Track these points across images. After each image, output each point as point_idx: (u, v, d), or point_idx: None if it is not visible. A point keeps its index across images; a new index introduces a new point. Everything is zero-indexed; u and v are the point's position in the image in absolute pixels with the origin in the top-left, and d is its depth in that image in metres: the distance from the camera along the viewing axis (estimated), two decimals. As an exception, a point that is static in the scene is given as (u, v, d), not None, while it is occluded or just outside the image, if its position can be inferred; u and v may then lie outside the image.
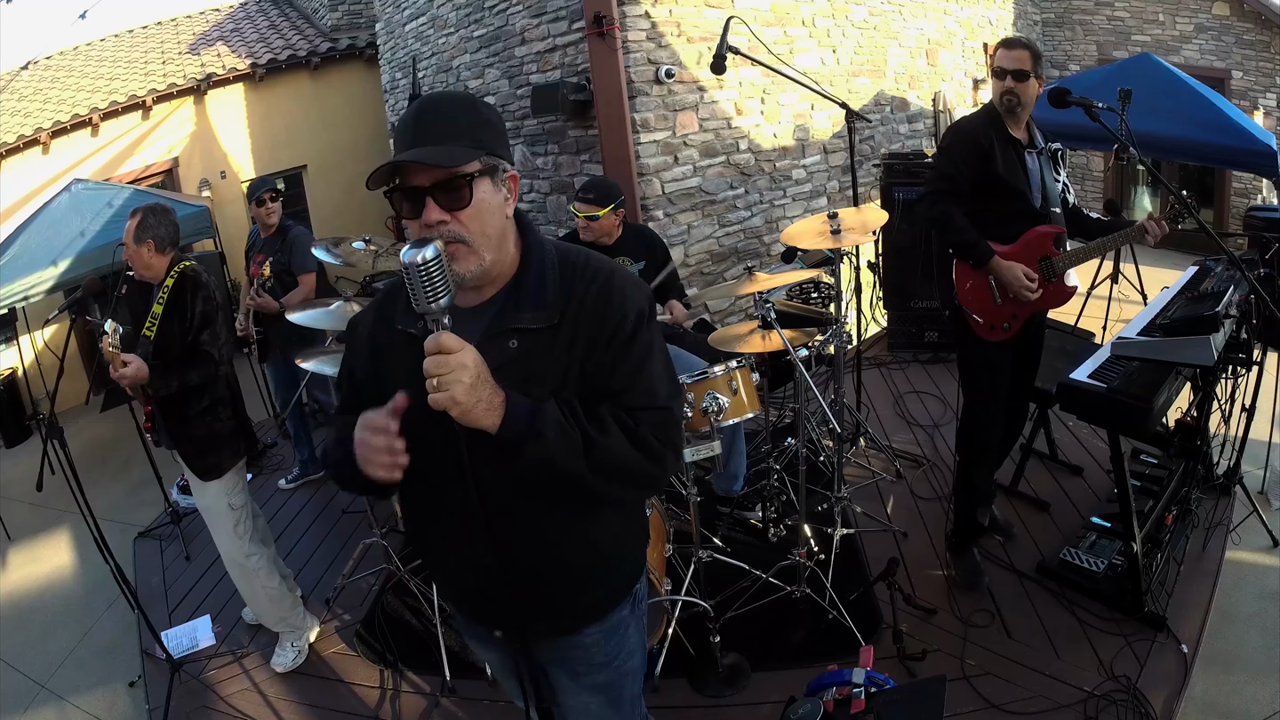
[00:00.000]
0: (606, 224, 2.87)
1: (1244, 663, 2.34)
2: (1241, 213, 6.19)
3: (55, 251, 4.73)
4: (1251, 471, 3.11)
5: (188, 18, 9.41)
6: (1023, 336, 2.52)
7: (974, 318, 2.46)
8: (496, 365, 1.09)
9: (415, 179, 1.07)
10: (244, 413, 2.66)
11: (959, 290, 2.46)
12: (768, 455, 3.18)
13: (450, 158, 1.06)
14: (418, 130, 1.08)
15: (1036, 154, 2.42)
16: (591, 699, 1.39)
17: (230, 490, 2.56)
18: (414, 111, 1.12)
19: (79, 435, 5.28)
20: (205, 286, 2.50)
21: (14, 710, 2.77)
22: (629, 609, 1.37)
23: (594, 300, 1.16)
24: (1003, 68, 2.34)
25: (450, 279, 1.00)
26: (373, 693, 2.55)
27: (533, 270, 1.17)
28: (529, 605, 1.22)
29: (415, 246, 0.98)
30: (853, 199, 3.29)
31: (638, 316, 1.17)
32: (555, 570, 1.24)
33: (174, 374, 2.38)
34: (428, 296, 0.98)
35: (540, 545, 1.21)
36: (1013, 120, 2.38)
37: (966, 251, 2.40)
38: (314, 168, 8.27)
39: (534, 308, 1.14)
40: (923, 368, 4.71)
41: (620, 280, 1.19)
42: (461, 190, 1.07)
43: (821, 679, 1.91)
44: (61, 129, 6.75)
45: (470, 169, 1.07)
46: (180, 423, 2.48)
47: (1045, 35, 8.77)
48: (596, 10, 4.20)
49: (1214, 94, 4.92)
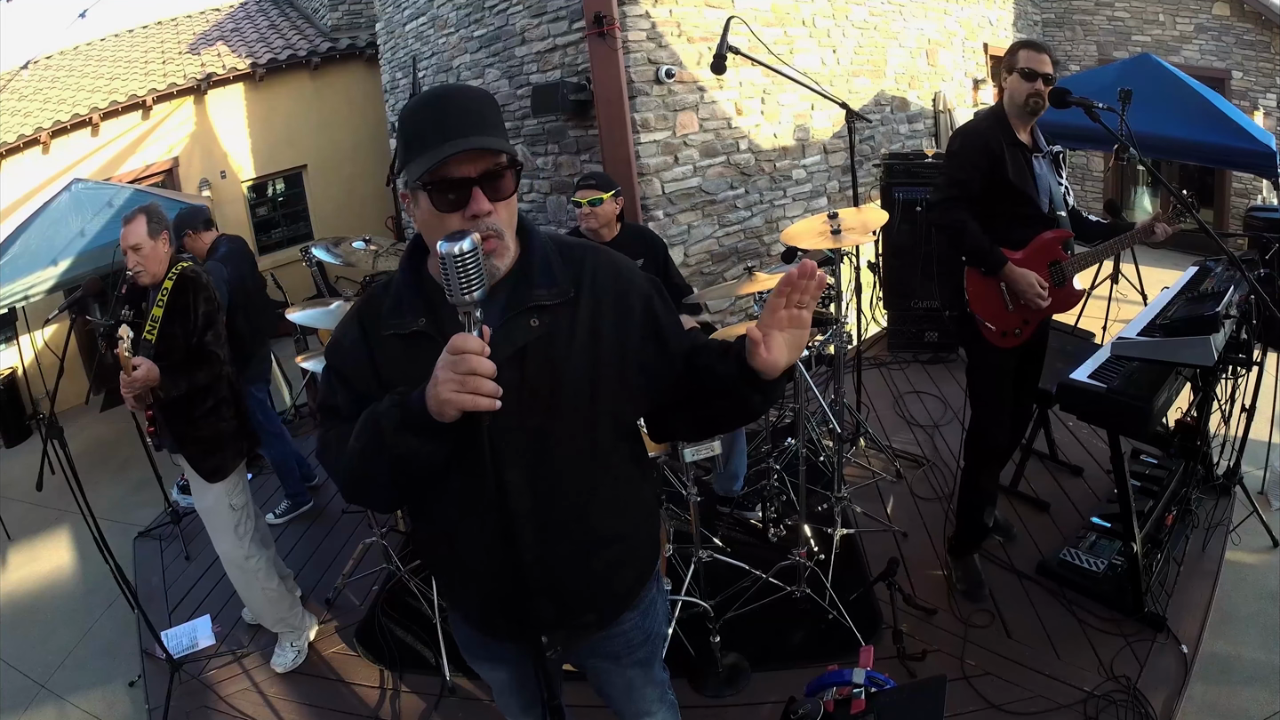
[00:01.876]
0: (609, 210, 2.87)
1: (1244, 663, 2.34)
2: (1241, 213, 6.19)
3: (55, 251, 4.72)
4: (1251, 471, 3.11)
5: (188, 17, 9.41)
6: (1030, 340, 2.51)
7: (986, 325, 2.43)
8: (522, 344, 1.11)
9: (462, 169, 1.05)
10: (246, 412, 2.66)
11: (971, 298, 2.43)
12: (768, 455, 3.18)
13: (507, 145, 1.08)
14: (452, 121, 1.06)
15: (1042, 158, 2.41)
16: (635, 673, 1.45)
17: (231, 491, 2.55)
18: (437, 103, 1.09)
19: (79, 435, 5.28)
20: (206, 287, 2.49)
21: (14, 710, 2.77)
22: (655, 586, 1.41)
23: (604, 271, 1.19)
24: (1033, 69, 2.30)
25: (484, 273, 0.99)
26: (373, 693, 2.55)
27: (536, 252, 1.17)
28: (575, 598, 1.23)
29: (451, 239, 0.97)
30: (853, 199, 3.28)
31: (645, 281, 1.24)
32: (595, 554, 1.24)
33: (182, 376, 2.37)
34: (463, 289, 0.97)
35: (579, 532, 1.21)
36: (1023, 124, 2.37)
37: (980, 259, 2.37)
38: (314, 168, 8.26)
39: (546, 284, 1.14)
40: (923, 368, 4.71)
41: (613, 253, 1.26)
42: (506, 179, 1.08)
43: (821, 679, 1.92)
44: (61, 129, 6.75)
45: (510, 157, 1.09)
46: (186, 424, 2.47)
47: (1045, 35, 8.77)
48: (596, 10, 4.20)
49: (1214, 94, 4.92)
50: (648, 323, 1.21)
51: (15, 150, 6.58)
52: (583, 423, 1.17)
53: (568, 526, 1.20)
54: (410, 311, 1.14)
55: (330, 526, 3.68)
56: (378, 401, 1.09)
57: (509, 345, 1.11)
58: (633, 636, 1.38)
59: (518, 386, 1.11)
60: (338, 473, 1.17)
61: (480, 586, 1.24)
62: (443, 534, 1.26)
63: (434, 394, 0.99)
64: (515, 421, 1.11)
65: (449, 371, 0.98)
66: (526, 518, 1.15)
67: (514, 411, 1.10)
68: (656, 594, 1.43)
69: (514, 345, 1.11)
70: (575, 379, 1.14)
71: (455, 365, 0.97)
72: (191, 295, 2.44)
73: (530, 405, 1.12)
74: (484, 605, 1.28)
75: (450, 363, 0.98)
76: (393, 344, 1.14)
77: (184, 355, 2.42)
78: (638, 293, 1.21)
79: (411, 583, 2.86)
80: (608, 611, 1.32)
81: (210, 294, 2.50)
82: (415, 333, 1.13)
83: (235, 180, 7.81)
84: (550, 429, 1.15)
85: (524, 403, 1.12)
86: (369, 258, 3.59)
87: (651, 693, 1.50)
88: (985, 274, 2.39)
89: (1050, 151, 2.44)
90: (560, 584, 1.21)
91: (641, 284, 1.23)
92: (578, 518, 1.20)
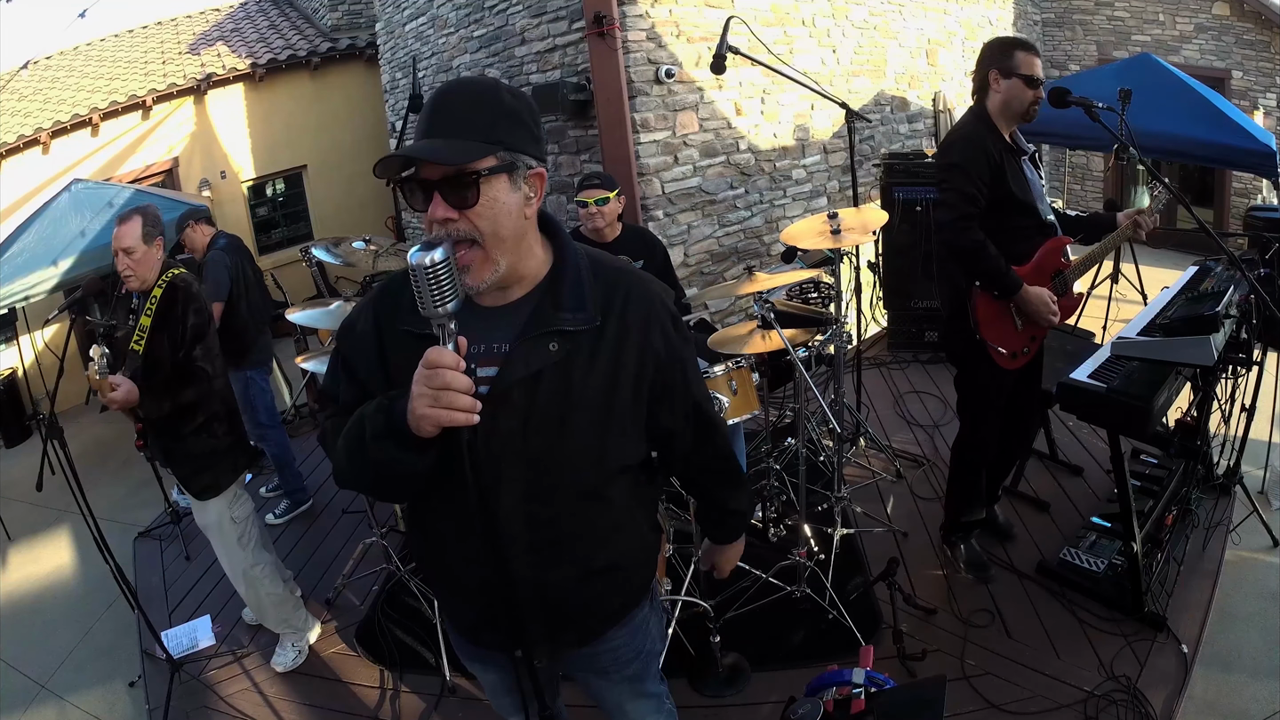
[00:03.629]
0: (614, 209, 2.88)
1: (1244, 663, 2.34)
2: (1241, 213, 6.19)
3: (56, 251, 4.73)
4: (1251, 471, 3.11)
5: (188, 18, 9.41)
6: (1035, 353, 2.47)
7: (998, 350, 2.33)
8: (536, 370, 1.07)
9: (425, 171, 1.01)
10: (241, 427, 2.56)
11: (981, 323, 2.31)
12: (768, 455, 3.18)
13: (454, 155, 0.99)
14: (434, 119, 1.03)
15: (1026, 159, 2.35)
16: (625, 688, 1.43)
17: (231, 504, 2.48)
18: (435, 96, 1.06)
19: (79, 435, 5.28)
20: (196, 298, 2.36)
21: (14, 710, 2.77)
22: (648, 607, 1.39)
23: (637, 301, 1.14)
24: (1034, 76, 2.22)
25: (459, 283, 0.96)
26: (373, 693, 2.55)
27: (569, 269, 1.11)
28: (560, 620, 1.22)
29: (424, 249, 0.94)
30: (853, 199, 3.28)
31: (676, 313, 1.22)
32: (587, 583, 1.22)
33: (166, 394, 2.25)
34: (435, 300, 0.93)
35: (571, 560, 1.19)
36: (1009, 127, 2.31)
37: (996, 282, 2.25)
38: (314, 168, 8.26)
39: (574, 308, 1.09)
40: (923, 368, 4.71)
41: (652, 283, 1.22)
42: (468, 189, 1.00)
43: (821, 679, 1.91)
44: (61, 129, 6.75)
45: (481, 165, 1.00)
46: (175, 441, 2.36)
47: (1045, 35, 8.77)
48: (596, 10, 4.20)
49: (1214, 94, 4.92)
50: (664, 368, 1.17)
51: (15, 150, 6.58)
52: (589, 452, 1.14)
53: (561, 553, 1.17)
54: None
55: (330, 526, 3.68)
56: (370, 401, 1.08)
57: (524, 367, 1.07)
58: (621, 653, 1.36)
59: (527, 410, 1.08)
60: (333, 462, 1.17)
61: (468, 600, 1.24)
62: (436, 545, 1.24)
63: (410, 408, 0.98)
64: (519, 443, 1.09)
65: (423, 386, 0.96)
66: (519, 540, 1.13)
67: (519, 433, 1.09)
68: (649, 613, 1.40)
69: (529, 369, 1.07)
70: (588, 408, 1.11)
71: (429, 380, 0.95)
72: (181, 305, 2.31)
73: (537, 429, 1.09)
74: (471, 618, 1.28)
75: (425, 377, 0.96)
76: (407, 341, 1.09)
77: (171, 369, 2.30)
78: (663, 334, 1.17)
79: (411, 583, 2.86)
80: (590, 631, 1.30)
81: (201, 305, 2.37)
82: (429, 334, 1.09)
83: (235, 180, 7.81)
84: (554, 455, 1.11)
85: (531, 426, 1.09)
86: (369, 258, 3.59)
87: (644, 705, 1.48)
88: (998, 298, 2.29)
89: (1029, 152, 2.39)
90: (549, 604, 1.19)
91: (674, 332, 1.19)
92: (572, 546, 1.18)
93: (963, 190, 2.22)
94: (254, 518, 2.62)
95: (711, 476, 1.42)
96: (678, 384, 1.20)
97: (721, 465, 1.39)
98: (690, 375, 1.24)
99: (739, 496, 1.47)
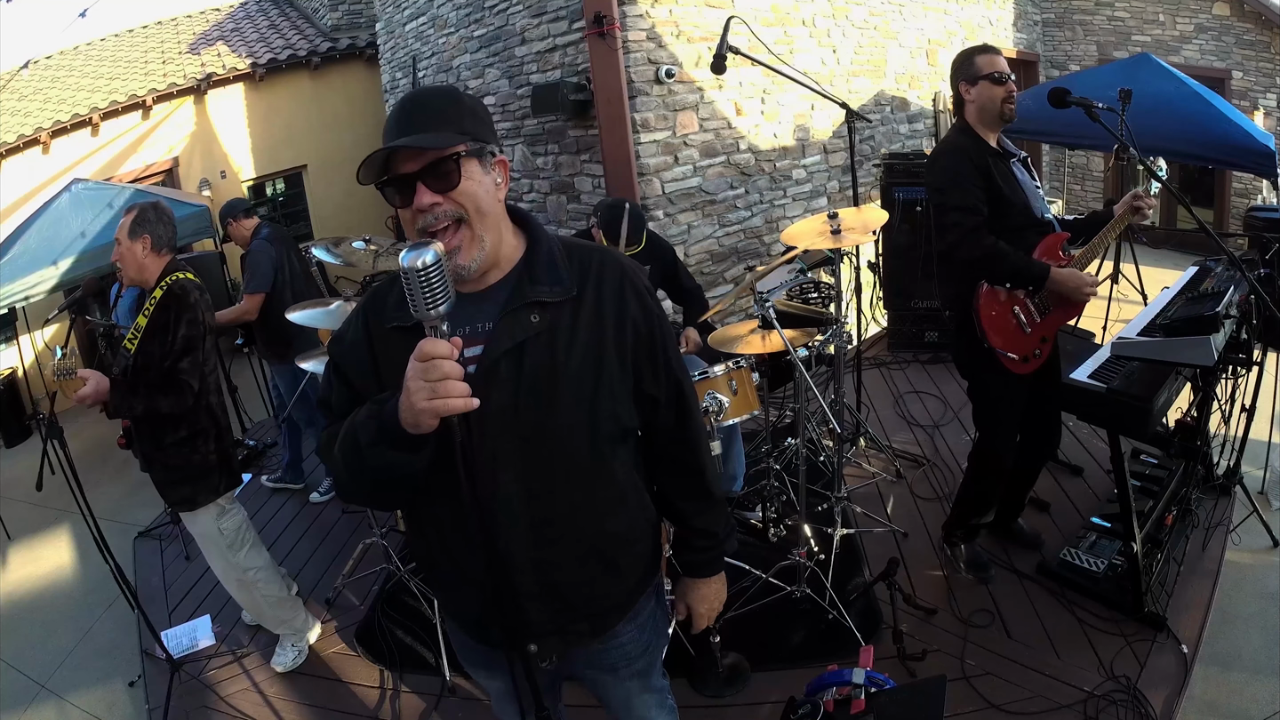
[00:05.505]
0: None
1: (1244, 663, 2.34)
2: (1241, 213, 6.19)
3: (56, 251, 4.73)
4: (1251, 471, 3.11)
5: (188, 17, 9.42)
6: (1049, 357, 2.44)
7: (1008, 356, 2.31)
8: (521, 340, 1.10)
9: (404, 167, 1.07)
10: (229, 446, 2.47)
11: (987, 330, 2.30)
12: (767, 455, 3.18)
13: (437, 140, 1.07)
14: (403, 122, 1.09)
15: (1016, 162, 2.35)
16: (633, 684, 1.44)
17: (219, 517, 2.46)
18: (399, 105, 1.13)
19: (79, 435, 5.28)
20: (193, 308, 2.27)
21: (14, 710, 2.77)
22: (654, 598, 1.41)
23: (611, 271, 1.19)
24: (1001, 72, 2.23)
25: (450, 285, 0.96)
26: (373, 693, 2.55)
27: (542, 249, 1.17)
28: (569, 602, 1.22)
29: (414, 250, 0.94)
30: (853, 199, 3.28)
31: (648, 285, 1.25)
32: (592, 556, 1.23)
33: (139, 397, 2.18)
34: (427, 303, 0.94)
35: (575, 532, 1.20)
36: (992, 134, 2.31)
37: (1025, 276, 2.24)
38: (314, 168, 8.27)
39: (550, 281, 1.14)
40: (923, 368, 4.71)
41: (625, 258, 1.25)
42: (450, 171, 1.06)
43: (821, 679, 1.92)
44: (61, 129, 6.75)
45: (456, 149, 1.07)
46: (155, 448, 2.33)
47: (1045, 35, 8.77)
48: (596, 10, 4.20)
49: (1213, 94, 4.92)
50: (644, 338, 1.21)
51: (15, 150, 6.59)
52: (582, 421, 1.15)
53: (563, 526, 1.18)
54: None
55: (330, 526, 3.68)
56: (359, 408, 1.09)
57: (508, 339, 1.10)
58: (630, 649, 1.36)
59: (515, 381, 1.10)
60: (333, 476, 1.18)
61: (473, 590, 1.22)
62: (436, 538, 1.24)
63: (407, 404, 0.98)
64: (510, 418, 1.11)
65: (419, 380, 0.96)
66: (520, 516, 1.14)
67: (510, 407, 1.10)
68: (656, 605, 1.42)
69: (513, 340, 1.10)
70: (576, 376, 1.13)
71: (426, 373, 0.96)
72: (174, 313, 2.24)
73: (528, 401, 1.11)
74: (475, 611, 1.26)
75: (420, 370, 0.96)
76: (395, 338, 1.12)
77: (157, 375, 2.24)
78: (639, 302, 1.20)
79: (411, 583, 2.86)
80: (600, 620, 1.29)
81: (196, 316, 2.27)
82: (418, 324, 1.09)
83: (235, 180, 7.82)
84: (546, 428, 1.13)
85: (521, 398, 1.11)
86: (369, 258, 3.58)
87: (650, 699, 1.49)
88: (1033, 289, 2.28)
89: (1019, 156, 2.39)
90: (554, 586, 1.20)
91: (650, 302, 1.22)
92: (574, 517, 1.19)
93: (963, 203, 2.23)
94: (247, 525, 2.59)
95: (678, 481, 1.38)
96: (658, 349, 1.23)
97: (690, 460, 1.35)
98: (669, 344, 1.26)
99: (709, 515, 1.39)
